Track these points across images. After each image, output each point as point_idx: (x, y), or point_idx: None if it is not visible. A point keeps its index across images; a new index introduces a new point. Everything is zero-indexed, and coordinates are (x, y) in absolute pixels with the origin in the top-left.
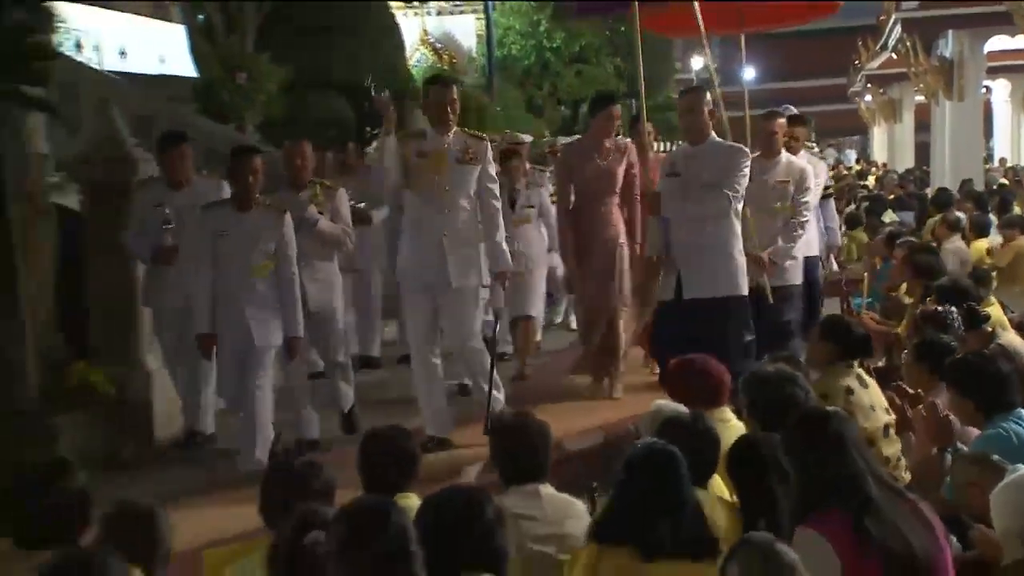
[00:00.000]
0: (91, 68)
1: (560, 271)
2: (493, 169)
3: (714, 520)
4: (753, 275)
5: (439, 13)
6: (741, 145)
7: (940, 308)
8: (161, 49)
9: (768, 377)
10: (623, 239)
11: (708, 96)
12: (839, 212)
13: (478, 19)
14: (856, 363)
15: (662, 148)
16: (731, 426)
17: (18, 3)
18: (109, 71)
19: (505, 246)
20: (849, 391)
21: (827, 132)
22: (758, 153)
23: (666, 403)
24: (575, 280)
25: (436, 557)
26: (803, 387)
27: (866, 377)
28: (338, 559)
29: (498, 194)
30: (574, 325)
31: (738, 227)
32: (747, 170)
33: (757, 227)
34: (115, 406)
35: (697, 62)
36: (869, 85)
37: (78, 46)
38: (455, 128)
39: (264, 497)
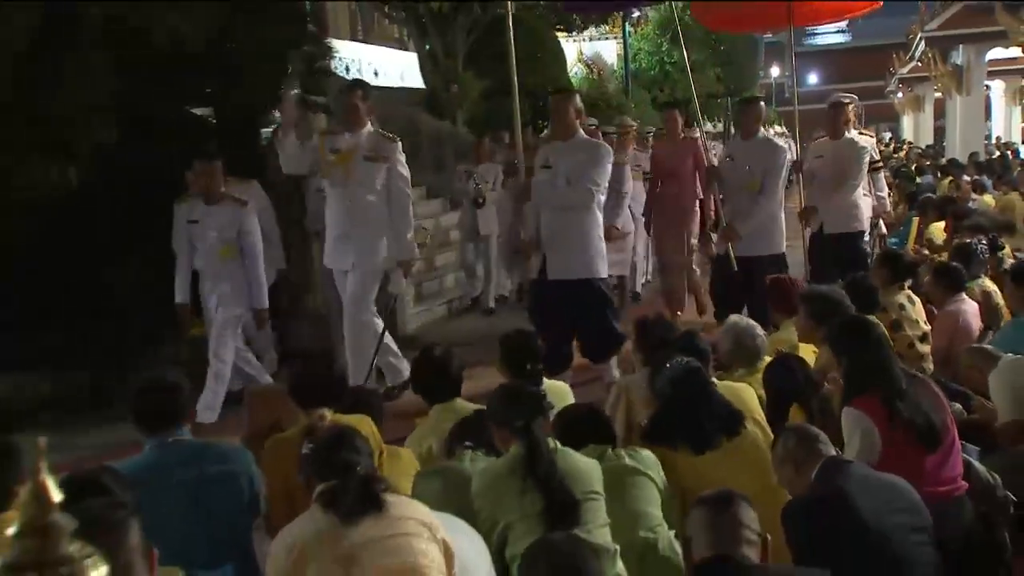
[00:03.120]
0: None
1: None
2: (404, 168)
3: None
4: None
5: (591, 39)
6: (603, 142)
7: (970, 240)
8: (401, 70)
9: (825, 294)
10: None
11: (577, 99)
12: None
13: (618, 42)
14: (906, 285)
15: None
16: (792, 331)
17: (310, 42)
18: None
19: (411, 237)
20: (901, 306)
21: (868, 120)
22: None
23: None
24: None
25: (572, 438)
26: (850, 304)
27: (914, 296)
28: (500, 422)
29: (407, 191)
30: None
31: (599, 216)
32: (608, 165)
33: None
34: None
35: (775, 70)
36: (900, 85)
37: (347, 69)
38: (368, 129)
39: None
